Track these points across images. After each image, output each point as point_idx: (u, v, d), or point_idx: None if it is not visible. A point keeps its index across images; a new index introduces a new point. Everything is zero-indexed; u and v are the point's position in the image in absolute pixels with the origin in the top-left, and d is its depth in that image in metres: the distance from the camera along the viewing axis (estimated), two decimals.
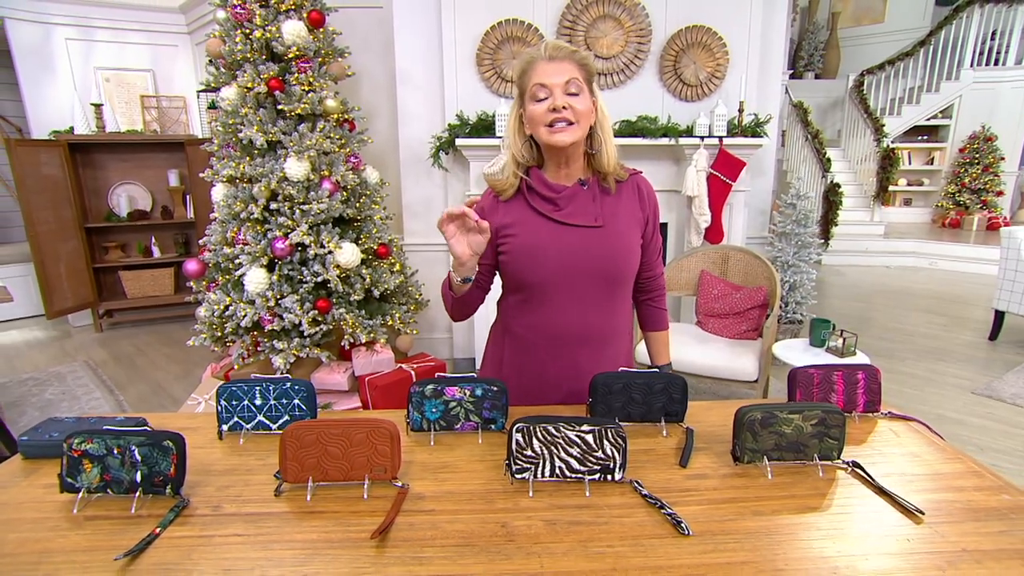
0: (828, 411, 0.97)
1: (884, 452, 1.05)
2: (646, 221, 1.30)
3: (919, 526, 0.82)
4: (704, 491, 0.91)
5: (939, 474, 0.97)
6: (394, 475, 0.93)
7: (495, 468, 0.98)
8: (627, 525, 0.82)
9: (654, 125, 3.29)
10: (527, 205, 1.26)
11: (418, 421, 1.11)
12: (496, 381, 1.12)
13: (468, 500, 0.89)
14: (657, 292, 1.42)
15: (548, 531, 0.81)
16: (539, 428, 0.93)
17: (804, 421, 0.97)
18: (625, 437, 0.93)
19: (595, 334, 1.27)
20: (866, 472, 0.96)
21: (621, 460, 0.93)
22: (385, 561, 0.75)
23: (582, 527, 0.82)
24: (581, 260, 1.22)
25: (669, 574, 0.72)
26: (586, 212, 1.24)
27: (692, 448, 1.04)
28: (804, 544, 0.78)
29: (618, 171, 1.27)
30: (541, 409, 1.19)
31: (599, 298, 1.25)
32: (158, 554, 0.77)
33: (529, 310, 1.28)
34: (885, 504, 0.88)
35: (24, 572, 0.73)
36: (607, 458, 0.93)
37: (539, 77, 1.17)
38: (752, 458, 0.98)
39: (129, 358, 4.21)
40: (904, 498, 0.88)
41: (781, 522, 0.83)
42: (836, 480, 0.95)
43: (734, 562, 0.74)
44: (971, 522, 0.83)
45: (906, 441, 1.09)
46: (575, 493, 0.91)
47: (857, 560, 0.75)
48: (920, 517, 0.84)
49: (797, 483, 0.94)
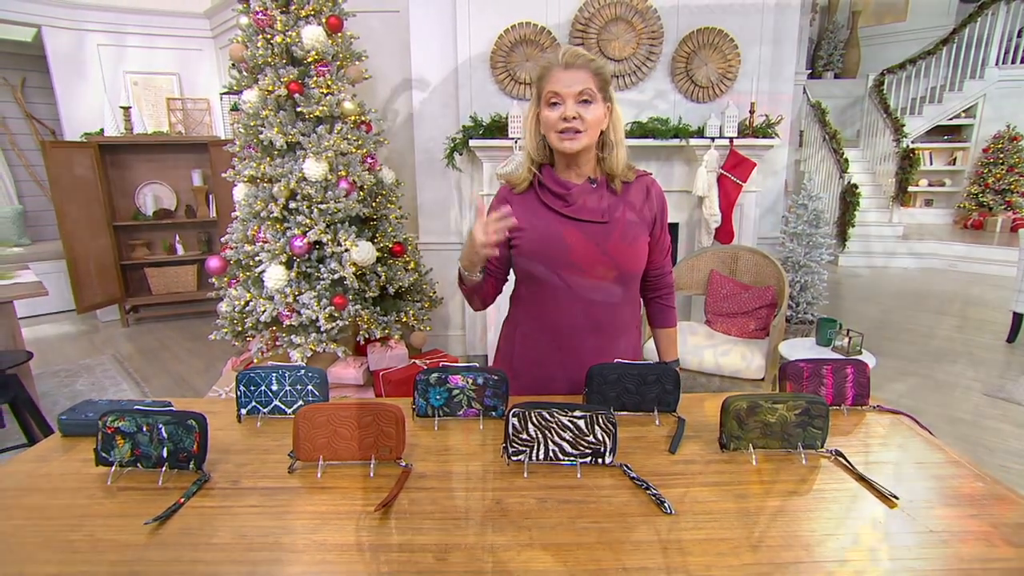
0: (812, 401, 1.02)
1: (868, 443, 1.09)
2: (653, 221, 1.35)
3: (893, 510, 0.87)
4: (690, 475, 0.96)
5: (920, 463, 1.01)
6: (398, 455, 0.99)
7: (494, 452, 1.04)
8: (614, 504, 0.88)
9: (665, 126, 3.33)
10: (538, 200, 1.33)
11: (423, 407, 1.18)
12: (498, 371, 1.18)
13: (466, 479, 0.95)
14: (665, 290, 1.47)
15: (539, 508, 0.87)
16: (534, 413, 0.99)
17: (788, 411, 1.02)
18: (615, 423, 0.98)
19: (601, 327, 1.33)
20: (847, 460, 1.00)
21: (611, 445, 0.98)
22: (387, 531, 0.82)
23: (571, 505, 0.88)
24: (587, 254, 1.28)
25: (649, 547, 0.78)
26: (594, 208, 1.30)
27: (682, 436, 1.09)
28: (781, 524, 0.83)
29: (625, 173, 1.33)
30: (544, 400, 1.25)
31: (605, 292, 1.31)
32: (182, 521, 0.84)
33: (537, 302, 1.34)
34: (863, 490, 0.92)
35: (67, 533, 0.81)
36: (598, 443, 0.99)
37: (553, 85, 1.23)
38: (738, 446, 1.03)
39: (154, 351, 4.35)
40: (881, 484, 0.92)
41: (761, 504, 0.88)
42: (819, 468, 0.99)
43: (712, 538, 0.80)
44: (943, 507, 0.87)
45: (891, 433, 1.13)
46: (567, 475, 0.97)
47: (829, 539, 0.80)
48: (895, 502, 0.88)
49: (781, 470, 0.98)
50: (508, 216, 1.22)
